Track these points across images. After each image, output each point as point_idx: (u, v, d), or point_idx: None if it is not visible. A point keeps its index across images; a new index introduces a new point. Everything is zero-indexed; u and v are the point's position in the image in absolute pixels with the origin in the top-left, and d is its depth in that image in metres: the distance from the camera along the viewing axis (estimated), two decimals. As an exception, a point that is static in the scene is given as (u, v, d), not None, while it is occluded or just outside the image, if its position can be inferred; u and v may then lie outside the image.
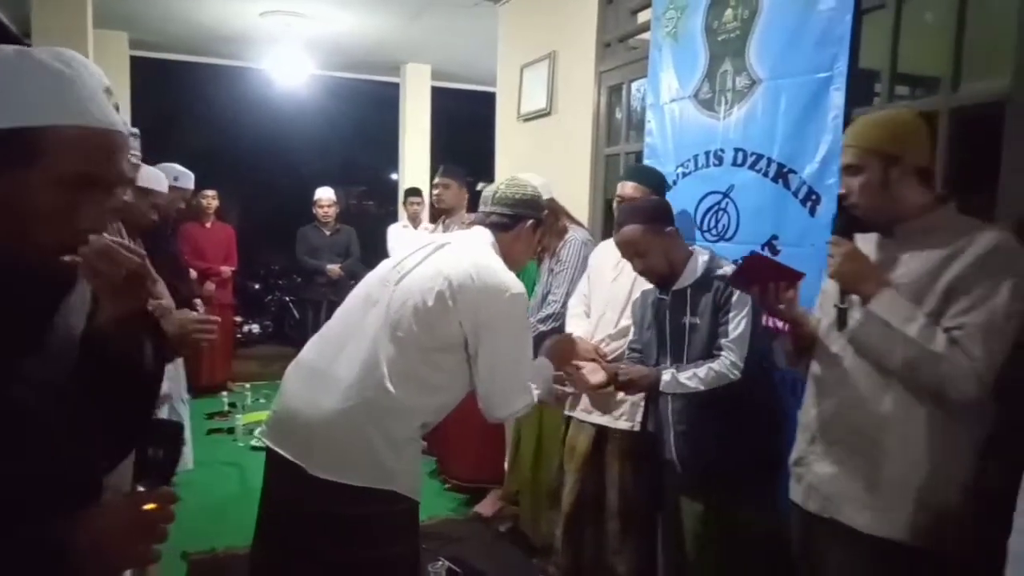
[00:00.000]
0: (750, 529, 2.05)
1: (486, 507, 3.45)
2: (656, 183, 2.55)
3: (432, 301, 1.67)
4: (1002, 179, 1.73)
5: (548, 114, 3.92)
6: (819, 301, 1.78)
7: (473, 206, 3.52)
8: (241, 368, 6.27)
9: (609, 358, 2.46)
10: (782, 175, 2.32)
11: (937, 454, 1.49)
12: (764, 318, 2.11)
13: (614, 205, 2.55)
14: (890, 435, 1.52)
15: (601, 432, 2.54)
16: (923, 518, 1.48)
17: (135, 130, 2.41)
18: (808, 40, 2.23)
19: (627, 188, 2.51)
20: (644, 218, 2.14)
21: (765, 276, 1.69)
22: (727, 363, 2.03)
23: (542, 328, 2.88)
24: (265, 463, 1.80)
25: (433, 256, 1.78)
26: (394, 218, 7.05)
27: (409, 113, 7.18)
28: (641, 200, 2.28)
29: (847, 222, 1.61)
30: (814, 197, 2.22)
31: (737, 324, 2.04)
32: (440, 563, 2.90)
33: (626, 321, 2.49)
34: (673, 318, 2.18)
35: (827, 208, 2.16)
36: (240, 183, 9.40)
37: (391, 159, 7.64)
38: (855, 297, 1.56)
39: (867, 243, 1.62)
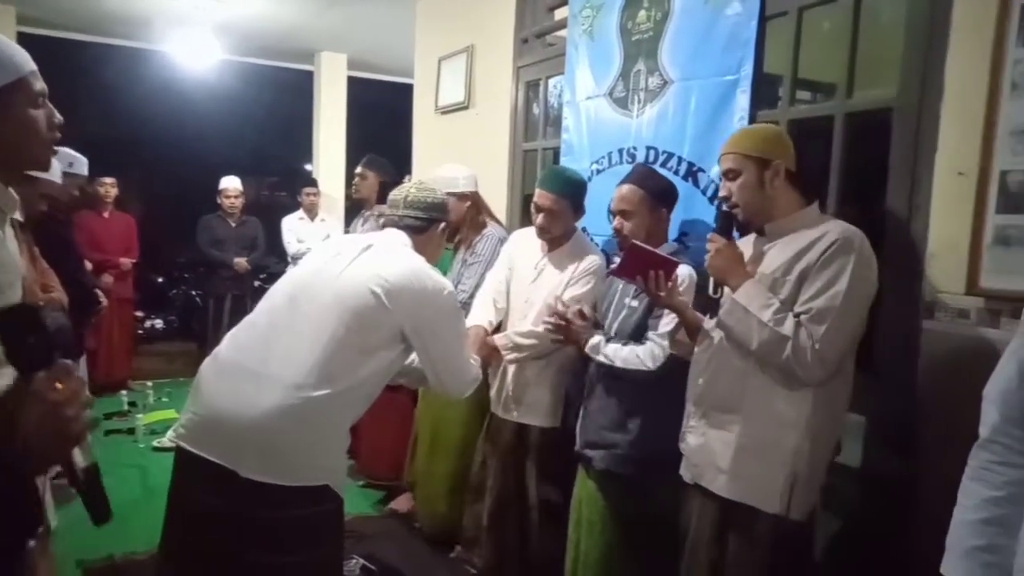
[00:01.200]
0: (646, 514, 2.12)
1: (401, 503, 3.42)
2: (574, 190, 2.49)
3: (369, 301, 1.69)
4: (890, 178, 1.85)
5: (466, 107, 3.91)
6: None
7: (382, 199, 3.50)
8: (143, 365, 5.97)
9: (510, 359, 2.51)
10: (692, 174, 2.39)
11: (791, 430, 1.64)
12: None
13: (532, 210, 2.54)
14: (744, 409, 1.70)
15: (522, 428, 2.57)
16: (772, 488, 1.64)
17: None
18: (716, 44, 2.31)
19: (546, 200, 2.45)
20: (650, 188, 2.19)
21: (646, 266, 1.85)
22: (648, 352, 2.08)
23: None
24: (177, 468, 1.70)
25: (364, 257, 1.78)
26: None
27: (324, 103, 7.01)
28: (655, 174, 2.29)
29: (726, 222, 1.78)
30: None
31: (669, 320, 2.08)
32: (354, 561, 2.86)
33: (533, 328, 2.48)
34: (621, 296, 2.25)
35: (732, 206, 2.26)
36: (143, 172, 8.91)
37: (305, 150, 7.43)
38: (727, 289, 1.72)
39: (746, 243, 1.80)
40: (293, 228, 5.79)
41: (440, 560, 2.96)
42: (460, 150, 3.81)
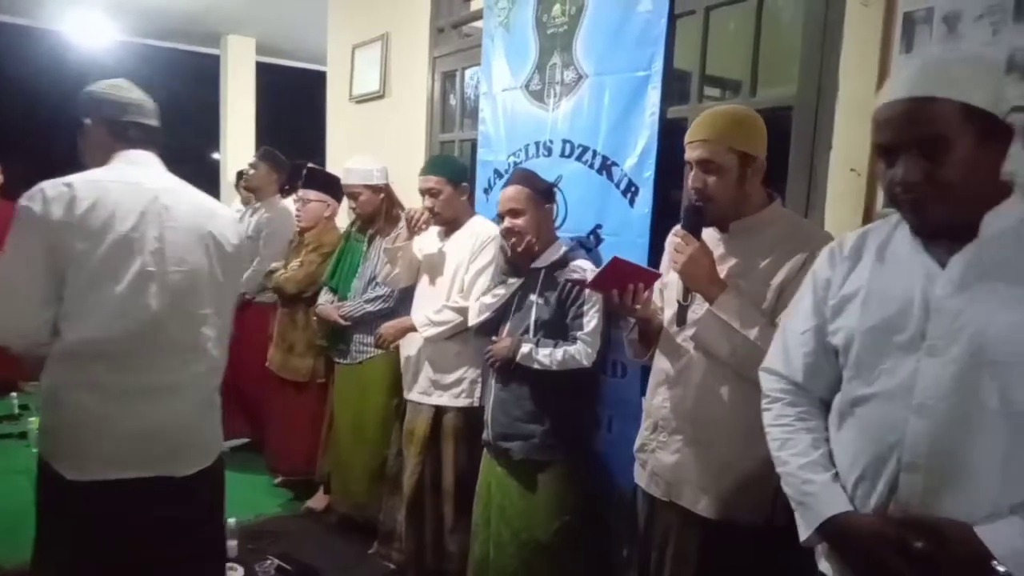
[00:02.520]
0: (562, 507, 2.16)
1: (318, 501, 3.35)
2: (458, 174, 2.64)
3: (211, 257, 1.69)
4: (790, 174, 1.94)
5: (381, 97, 3.85)
6: (658, 288, 1.83)
7: (305, 183, 3.42)
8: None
9: (429, 334, 2.54)
10: (606, 167, 2.44)
11: (761, 439, 1.51)
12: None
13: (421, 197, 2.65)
14: (726, 425, 1.61)
15: (439, 412, 2.58)
16: (757, 500, 1.58)
17: None
18: (628, 40, 2.36)
19: (429, 182, 2.58)
20: (534, 186, 2.25)
21: (625, 279, 1.69)
22: (581, 350, 2.12)
23: (369, 309, 2.89)
24: (89, 500, 1.58)
25: (160, 218, 1.61)
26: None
27: (231, 89, 6.75)
28: (536, 174, 2.33)
29: (696, 219, 1.62)
30: (633, 189, 2.36)
31: (591, 318, 2.13)
32: (268, 562, 2.79)
33: (452, 298, 2.55)
34: (522, 294, 2.27)
35: (644, 199, 2.32)
36: (32, 158, 8.35)
37: (212, 138, 7.14)
38: (696, 295, 1.61)
39: (706, 240, 1.65)
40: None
41: (359, 557, 2.93)
42: (376, 140, 3.75)
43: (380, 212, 3.02)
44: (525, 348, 2.16)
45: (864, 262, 1.22)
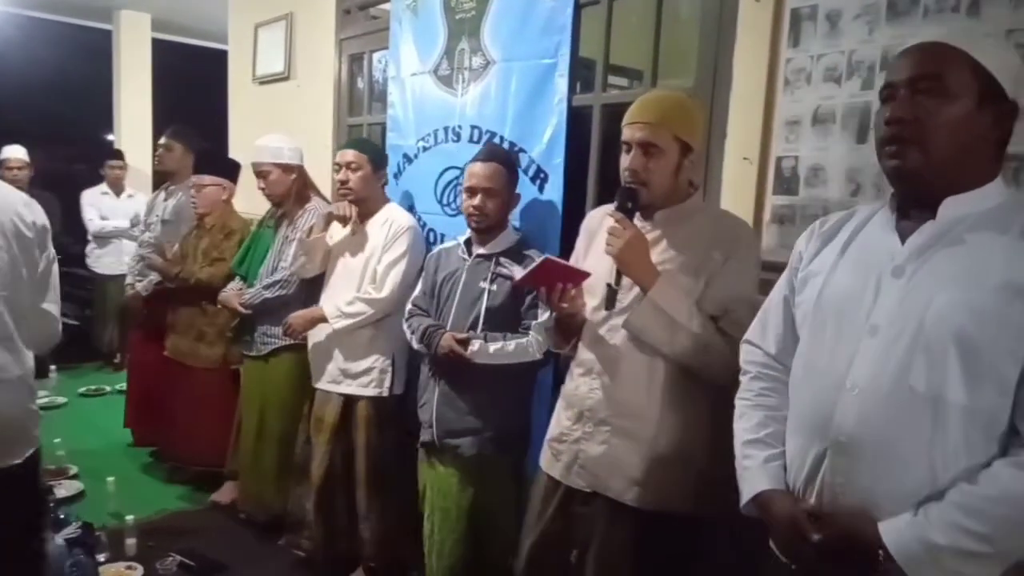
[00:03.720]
0: (494, 497, 2.15)
1: (224, 494, 3.25)
2: (380, 158, 2.62)
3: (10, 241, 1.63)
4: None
5: (286, 78, 3.74)
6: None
7: (198, 167, 3.29)
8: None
9: (339, 326, 2.49)
10: (514, 154, 2.46)
11: (699, 429, 1.60)
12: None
13: (335, 172, 2.61)
14: (654, 413, 1.60)
15: (348, 400, 2.54)
16: (686, 488, 1.59)
17: None
18: (535, 27, 2.38)
19: (348, 155, 2.54)
20: (508, 166, 2.19)
21: (554, 278, 1.67)
22: (534, 343, 2.06)
23: (267, 295, 2.82)
24: None
25: None
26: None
27: (125, 66, 6.38)
28: (505, 150, 2.30)
29: (631, 201, 1.59)
30: (543, 176, 2.39)
31: (547, 308, 1.99)
32: (170, 559, 2.70)
33: (369, 287, 2.50)
34: (471, 280, 2.18)
35: (554, 186, 2.35)
36: None
37: (106, 117, 6.73)
38: (626, 279, 1.59)
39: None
40: (95, 203, 5.27)
41: (268, 549, 2.87)
42: (281, 123, 3.63)
43: (290, 194, 2.92)
44: (475, 346, 2.06)
45: (835, 243, 1.23)
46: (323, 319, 2.54)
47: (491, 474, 2.15)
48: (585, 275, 1.68)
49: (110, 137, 6.90)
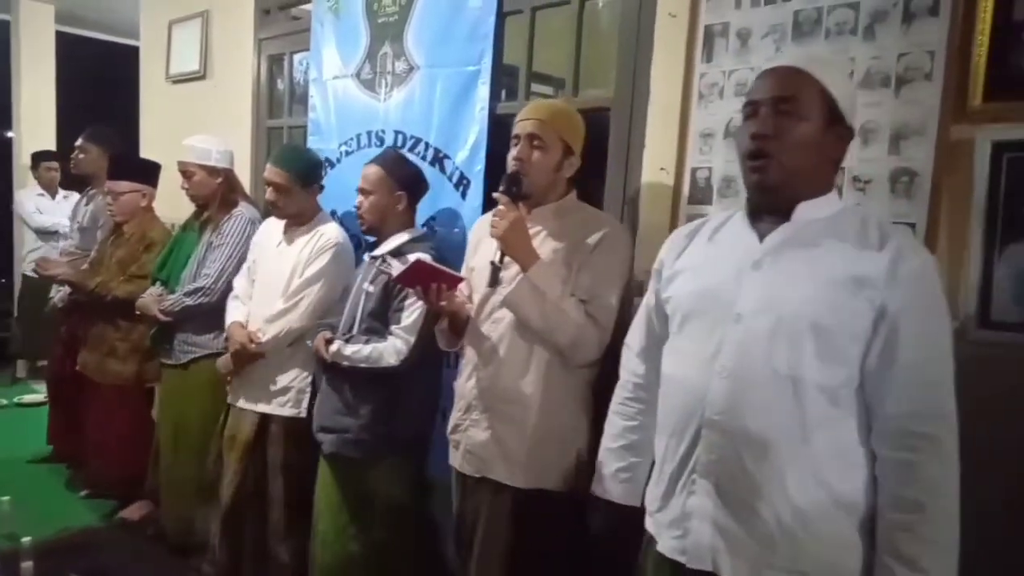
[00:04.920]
0: (386, 501, 2.14)
1: (133, 511, 3.10)
2: (307, 173, 2.46)
3: None
4: (608, 171, 2.06)
5: (202, 78, 3.62)
6: (466, 269, 1.92)
7: (112, 173, 3.14)
8: None
9: (264, 340, 2.40)
10: (438, 160, 2.46)
11: (578, 413, 1.75)
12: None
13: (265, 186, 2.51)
14: (533, 399, 1.72)
15: (264, 419, 2.45)
16: (566, 469, 1.72)
17: None
18: (459, 34, 2.39)
19: (270, 175, 2.43)
20: (392, 170, 2.19)
21: (428, 279, 1.77)
22: (391, 348, 2.06)
23: (188, 303, 2.70)
24: None
25: None
26: (6, 182, 5.93)
27: (26, 60, 6.02)
28: (404, 160, 2.28)
29: (516, 186, 1.71)
30: (465, 182, 2.39)
31: (412, 312, 2.07)
32: (70, 578, 2.56)
33: (284, 304, 2.41)
34: (361, 282, 2.20)
35: (475, 192, 2.36)
36: None
37: (3, 114, 6.33)
38: (508, 259, 1.70)
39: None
40: (34, 202, 4.99)
41: (176, 570, 2.73)
42: (196, 123, 3.51)
43: (215, 197, 2.81)
44: (334, 347, 2.11)
45: (698, 241, 1.37)
46: (256, 355, 2.43)
47: (364, 476, 2.14)
48: (458, 279, 1.80)
49: (9, 134, 6.50)
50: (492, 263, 1.70)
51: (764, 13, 1.74)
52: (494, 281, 1.70)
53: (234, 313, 2.53)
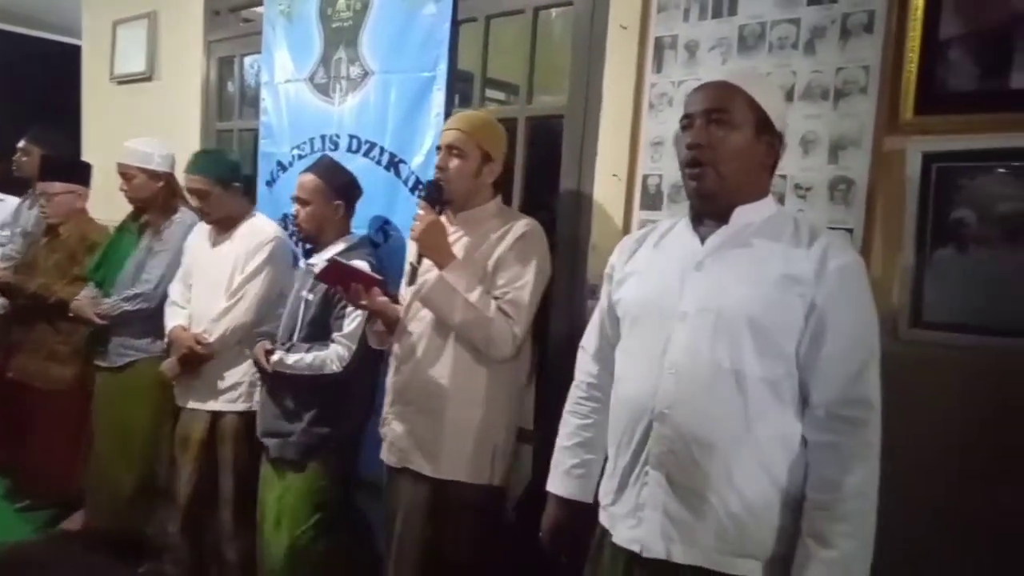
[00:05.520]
0: (327, 502, 2.17)
1: (75, 521, 3.01)
2: (227, 173, 2.49)
3: None
4: (562, 177, 2.10)
5: (148, 79, 3.55)
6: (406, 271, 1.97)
7: (45, 174, 3.06)
8: None
9: (212, 340, 2.40)
10: (393, 164, 2.47)
11: (496, 408, 1.83)
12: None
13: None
14: (450, 392, 1.81)
15: (215, 417, 2.45)
16: (480, 462, 1.81)
17: None
18: (414, 40, 2.40)
19: (192, 182, 2.45)
20: (328, 179, 2.22)
21: (346, 279, 1.87)
22: (333, 355, 2.10)
23: (127, 307, 2.67)
24: None
25: None
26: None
27: (-42, 57, 5.79)
28: (338, 167, 2.30)
29: (437, 192, 1.83)
30: (420, 187, 2.41)
31: (352, 319, 2.11)
32: (11, 595, 2.47)
33: (226, 303, 2.43)
34: (299, 290, 2.22)
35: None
36: None
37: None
38: (427, 260, 1.80)
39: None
40: None
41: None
42: (143, 126, 3.43)
43: (155, 202, 2.78)
44: (275, 356, 2.13)
45: (646, 246, 1.44)
46: (205, 357, 2.42)
47: (301, 477, 2.15)
48: (374, 279, 1.89)
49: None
50: (410, 263, 1.83)
51: (711, 27, 1.81)
52: (411, 281, 1.82)
53: (174, 318, 2.53)
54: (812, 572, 1.16)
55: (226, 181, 2.47)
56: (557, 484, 1.54)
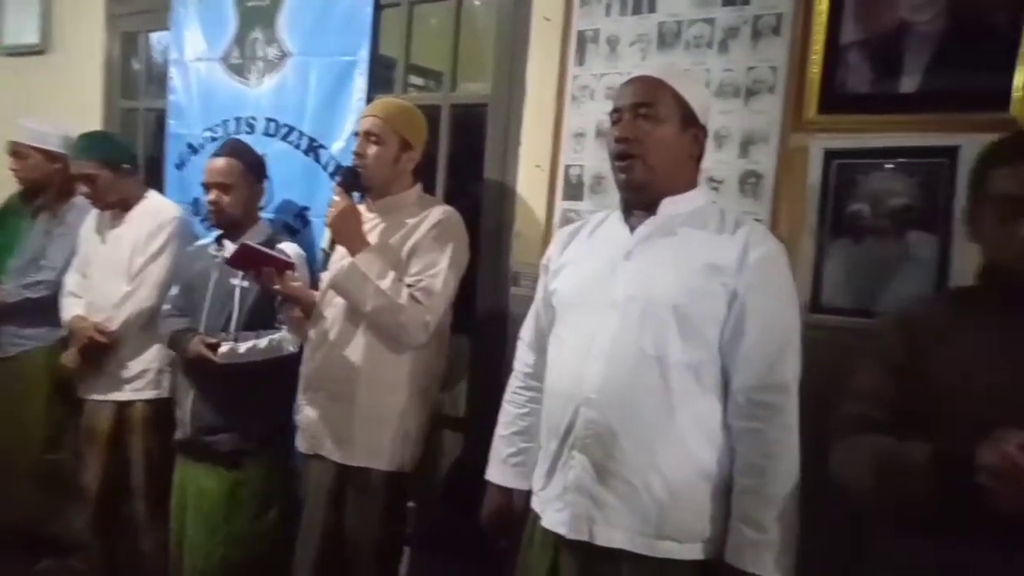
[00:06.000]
0: (255, 490, 2.11)
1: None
2: (117, 156, 2.38)
3: None
4: (486, 166, 2.12)
5: (42, 52, 3.32)
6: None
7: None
8: None
9: (115, 327, 2.30)
10: (313, 149, 2.42)
11: (408, 395, 1.83)
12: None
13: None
14: (360, 379, 1.81)
15: (122, 408, 2.35)
16: (391, 448, 1.81)
17: None
18: (335, 24, 2.37)
19: (79, 168, 2.33)
20: (247, 161, 2.17)
21: (258, 262, 1.86)
22: (288, 335, 2.06)
23: (29, 295, 2.55)
24: None
25: None
26: None
27: None
28: (250, 147, 2.24)
29: (353, 179, 1.84)
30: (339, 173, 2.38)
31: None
32: None
33: (128, 286, 2.33)
34: (222, 278, 2.12)
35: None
36: None
37: None
38: (342, 250, 1.80)
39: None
40: None
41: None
42: (35, 101, 3.23)
43: (50, 184, 2.64)
44: (225, 348, 2.03)
45: (580, 237, 1.48)
46: (103, 345, 2.30)
47: (251, 469, 2.11)
48: (286, 263, 1.89)
49: None
50: (323, 249, 1.84)
51: (631, 22, 1.87)
52: (324, 267, 1.83)
53: (72, 308, 2.41)
54: (749, 555, 1.21)
55: (115, 164, 2.36)
56: (495, 473, 1.56)
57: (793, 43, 1.66)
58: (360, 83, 2.33)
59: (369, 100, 2.32)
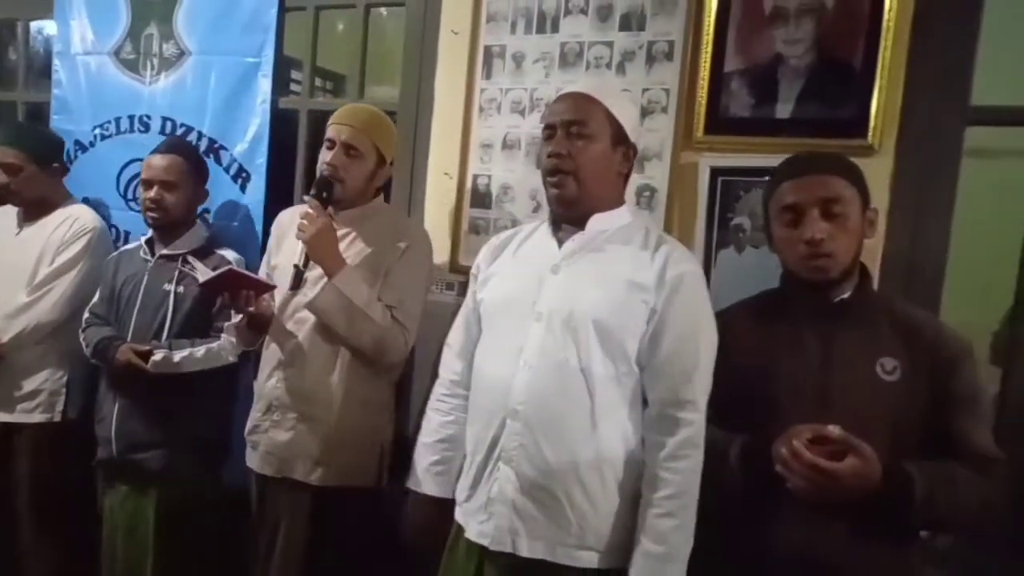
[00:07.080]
0: (189, 508, 2.03)
1: None
2: (46, 151, 2.26)
3: None
4: (394, 174, 2.14)
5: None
6: (267, 266, 1.92)
7: None
8: None
9: (5, 340, 2.14)
10: (214, 151, 2.38)
11: (382, 411, 1.82)
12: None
13: None
14: (336, 399, 1.74)
15: (9, 430, 2.19)
16: (367, 465, 1.78)
17: None
18: (237, 23, 2.33)
19: (6, 155, 2.18)
20: (193, 159, 2.10)
21: (238, 287, 1.73)
22: (228, 345, 1.97)
23: None
24: None
25: None
26: None
27: None
28: (192, 145, 2.16)
29: (328, 191, 1.72)
30: (244, 175, 2.35)
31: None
32: None
33: (27, 297, 2.18)
34: (153, 283, 2.02)
35: (256, 186, 2.33)
36: None
37: None
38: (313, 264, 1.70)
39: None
40: None
41: None
42: None
43: None
44: (158, 356, 1.94)
45: (509, 248, 1.50)
46: None
47: (184, 485, 2.02)
48: (269, 287, 1.78)
49: None
50: (296, 266, 1.68)
51: (536, 41, 1.96)
52: (296, 284, 1.69)
53: None
54: (643, 566, 1.25)
55: (43, 159, 2.22)
56: (418, 481, 1.54)
57: (684, 68, 1.80)
58: (264, 85, 2.32)
59: (273, 102, 2.31)
